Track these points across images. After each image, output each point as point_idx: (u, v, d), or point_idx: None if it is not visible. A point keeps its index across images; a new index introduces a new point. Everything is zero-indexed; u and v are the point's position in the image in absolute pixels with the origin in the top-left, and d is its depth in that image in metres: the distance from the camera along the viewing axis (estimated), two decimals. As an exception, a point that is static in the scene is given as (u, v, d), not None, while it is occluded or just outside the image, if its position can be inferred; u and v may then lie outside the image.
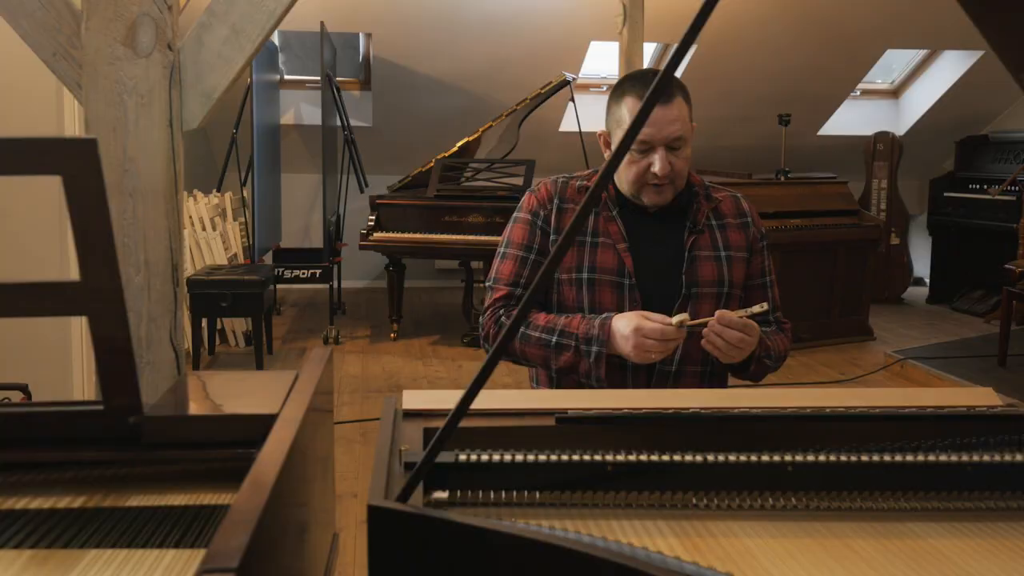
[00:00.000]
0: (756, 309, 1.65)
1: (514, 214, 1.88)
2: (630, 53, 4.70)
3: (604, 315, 1.73)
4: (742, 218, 1.88)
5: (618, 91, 1.80)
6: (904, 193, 7.33)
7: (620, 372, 1.77)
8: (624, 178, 1.79)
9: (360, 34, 6.64)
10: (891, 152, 7.11)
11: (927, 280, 7.53)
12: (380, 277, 6.95)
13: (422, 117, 6.74)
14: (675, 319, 1.65)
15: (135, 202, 1.46)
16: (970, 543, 1.02)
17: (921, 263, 7.77)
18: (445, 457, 1.10)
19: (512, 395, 1.34)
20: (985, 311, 6.54)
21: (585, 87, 6.90)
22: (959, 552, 1.00)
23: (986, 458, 1.10)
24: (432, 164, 5.53)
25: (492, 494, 1.10)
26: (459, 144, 5.60)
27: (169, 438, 0.94)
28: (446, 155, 5.58)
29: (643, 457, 1.10)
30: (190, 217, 5.39)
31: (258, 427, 0.91)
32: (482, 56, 6.26)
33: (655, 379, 1.77)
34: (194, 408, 0.99)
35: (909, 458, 1.10)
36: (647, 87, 1.71)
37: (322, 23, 5.25)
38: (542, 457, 1.10)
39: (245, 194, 5.83)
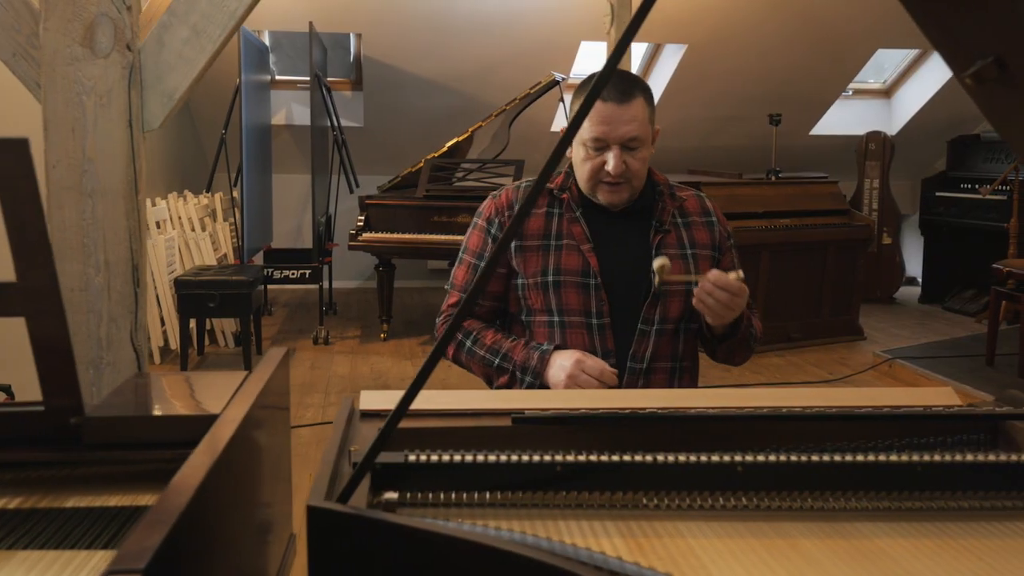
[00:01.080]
0: (733, 275, 1.70)
1: (474, 220, 1.90)
2: (618, 53, 4.69)
3: (546, 347, 1.75)
4: (707, 217, 1.90)
5: (581, 89, 1.82)
6: (896, 193, 7.33)
7: None
8: (579, 175, 1.80)
9: (351, 34, 6.64)
10: (883, 152, 7.11)
11: (920, 280, 7.54)
12: (372, 277, 6.95)
13: (413, 117, 6.74)
14: (656, 264, 1.67)
15: (95, 202, 1.46)
16: (916, 543, 1.02)
17: (913, 263, 7.78)
18: (395, 458, 1.10)
19: (470, 395, 1.34)
20: (976, 311, 6.54)
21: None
22: (904, 552, 1.00)
23: (936, 458, 1.09)
24: (422, 164, 5.53)
25: (442, 495, 1.10)
26: (449, 144, 5.60)
27: (110, 439, 0.94)
28: (436, 155, 5.58)
29: (593, 457, 1.09)
30: (179, 218, 5.39)
31: (199, 428, 0.91)
32: (473, 57, 6.26)
33: (626, 377, 1.77)
34: (137, 409, 0.99)
35: (859, 458, 1.09)
36: (609, 85, 1.73)
37: (310, 23, 5.25)
38: (492, 458, 1.09)
39: (235, 195, 5.82)
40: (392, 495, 1.12)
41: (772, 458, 1.09)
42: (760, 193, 5.68)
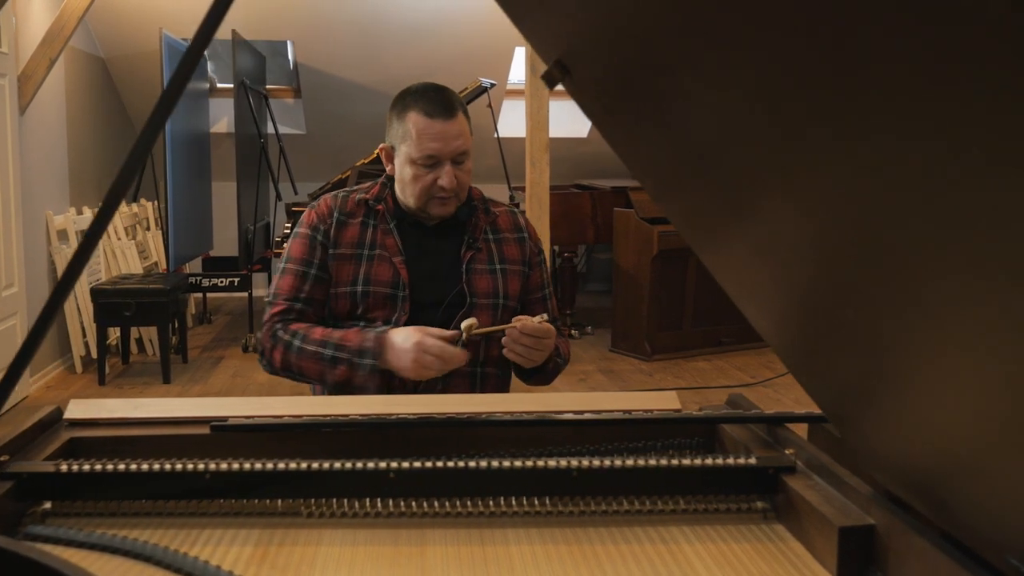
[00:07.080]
0: (538, 319, 1.71)
1: (295, 229, 1.89)
2: (534, 59, 4.70)
3: (381, 328, 1.74)
4: (519, 233, 1.91)
5: (399, 105, 1.80)
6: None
7: (386, 376, 1.77)
8: (410, 193, 1.80)
9: (288, 42, 6.64)
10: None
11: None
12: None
13: (355, 123, 6.74)
14: (464, 324, 1.68)
15: None
16: (550, 549, 1.01)
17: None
18: (45, 467, 1.09)
19: (184, 403, 1.33)
20: (917, 313, 6.54)
21: (520, 92, 6.89)
22: (532, 558, 0.99)
23: (595, 463, 1.09)
24: (349, 172, 5.53)
25: (99, 504, 1.10)
26: (377, 150, 5.59)
27: None
28: (365, 161, 5.58)
29: (247, 466, 1.09)
30: (105, 226, 5.37)
31: None
32: (408, 63, 6.26)
33: (423, 383, 1.75)
34: None
35: (517, 464, 1.09)
36: (431, 103, 1.74)
37: (233, 31, 5.24)
38: (145, 467, 1.09)
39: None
40: (46, 505, 1.11)
41: (428, 464, 1.08)
42: (691, 197, 5.67)
